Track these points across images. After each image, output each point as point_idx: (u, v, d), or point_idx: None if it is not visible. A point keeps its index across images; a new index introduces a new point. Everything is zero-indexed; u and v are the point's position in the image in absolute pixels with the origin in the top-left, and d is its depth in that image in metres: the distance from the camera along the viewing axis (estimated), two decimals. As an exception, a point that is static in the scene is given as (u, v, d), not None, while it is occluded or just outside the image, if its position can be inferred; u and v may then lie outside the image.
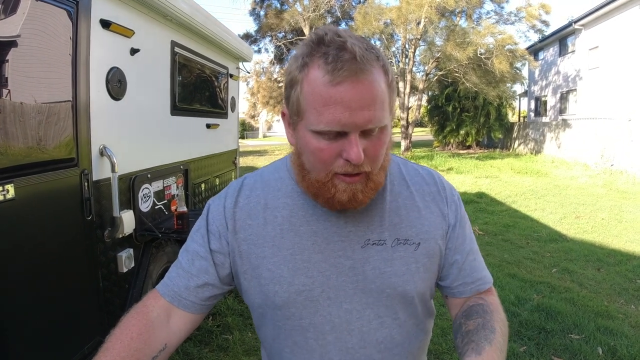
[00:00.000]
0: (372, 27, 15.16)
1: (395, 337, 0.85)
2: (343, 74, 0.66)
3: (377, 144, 0.73)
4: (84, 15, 2.03)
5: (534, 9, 15.91)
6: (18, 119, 1.66)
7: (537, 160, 14.82)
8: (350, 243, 0.83)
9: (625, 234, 5.84)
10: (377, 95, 0.69)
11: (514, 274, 4.33)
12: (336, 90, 0.67)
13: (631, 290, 3.93)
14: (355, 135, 0.69)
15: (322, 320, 0.82)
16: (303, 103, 0.71)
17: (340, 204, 0.76)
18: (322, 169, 0.74)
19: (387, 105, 0.72)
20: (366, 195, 0.76)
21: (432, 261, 0.86)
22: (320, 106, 0.69)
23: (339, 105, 0.67)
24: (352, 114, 0.67)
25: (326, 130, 0.69)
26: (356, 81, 0.67)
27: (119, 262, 2.36)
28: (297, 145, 0.79)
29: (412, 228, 0.85)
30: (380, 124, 0.71)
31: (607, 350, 2.87)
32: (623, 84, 13.36)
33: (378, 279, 0.82)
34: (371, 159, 0.73)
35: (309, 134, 0.73)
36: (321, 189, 0.76)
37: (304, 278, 0.82)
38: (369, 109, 0.68)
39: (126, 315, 0.82)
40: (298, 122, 0.75)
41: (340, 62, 0.66)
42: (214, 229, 0.88)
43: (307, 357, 0.84)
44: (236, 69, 4.79)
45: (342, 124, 0.68)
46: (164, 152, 3.01)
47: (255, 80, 22.02)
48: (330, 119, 0.68)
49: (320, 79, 0.68)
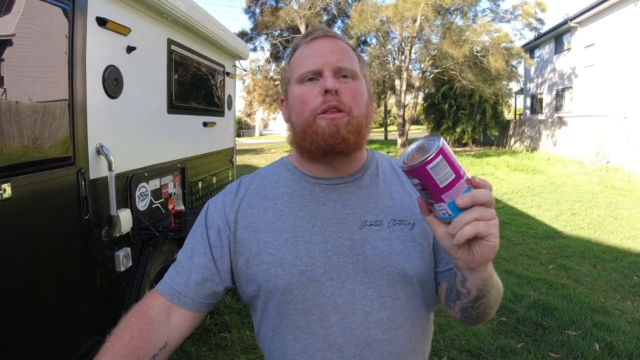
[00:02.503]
0: (368, 24, 15.14)
1: (397, 318, 0.85)
2: (316, 34, 0.87)
3: (353, 88, 0.84)
4: (80, 13, 2.02)
5: (530, 6, 15.92)
6: (14, 117, 1.65)
7: (533, 157, 14.86)
8: (348, 225, 0.86)
9: (621, 230, 5.88)
10: (345, 49, 0.87)
11: (510, 271, 4.35)
12: (310, 45, 0.87)
13: (627, 287, 3.96)
14: (329, 72, 0.82)
15: (325, 301, 0.83)
16: (289, 70, 0.89)
17: (323, 138, 0.81)
18: (306, 109, 0.83)
19: (356, 62, 0.88)
20: (349, 132, 0.81)
21: (428, 241, 0.90)
22: (301, 60, 0.86)
23: (313, 54, 0.85)
24: (324, 57, 0.84)
25: (305, 71, 0.84)
26: (326, 38, 0.87)
27: (116, 261, 2.35)
28: (288, 110, 0.90)
29: (405, 210, 0.89)
30: (350, 68, 0.85)
31: (604, 346, 2.89)
32: (618, 82, 13.41)
33: (378, 258, 0.84)
34: (348, 97, 0.82)
35: (294, 87, 0.86)
36: (306, 130, 0.83)
37: (306, 259, 0.83)
38: (337, 54, 0.84)
39: (126, 314, 0.82)
40: (288, 88, 0.89)
41: (315, 30, 0.89)
42: (212, 224, 0.89)
43: (311, 341, 0.84)
44: (233, 67, 4.78)
45: (317, 63, 0.83)
46: (161, 150, 3.00)
47: (251, 78, 21.96)
48: (308, 64, 0.84)
49: (299, 47, 0.89)
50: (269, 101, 21.42)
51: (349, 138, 0.81)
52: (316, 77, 0.83)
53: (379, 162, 0.96)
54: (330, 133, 0.80)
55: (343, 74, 0.83)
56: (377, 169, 0.94)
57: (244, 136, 40.47)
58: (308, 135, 0.82)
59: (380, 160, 0.97)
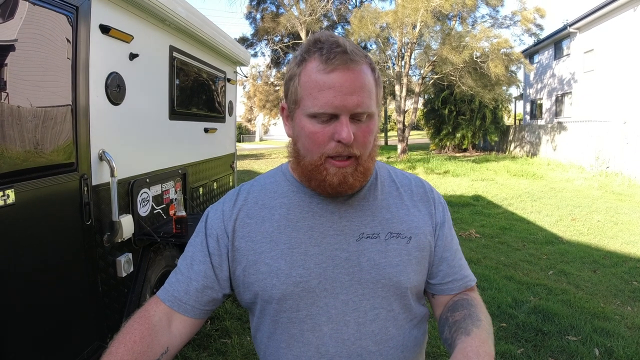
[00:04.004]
0: (368, 30, 15.21)
1: (389, 330, 0.87)
2: (336, 62, 0.76)
3: (366, 130, 0.80)
4: (83, 21, 2.04)
5: (529, 12, 16.01)
6: (17, 123, 1.67)
7: (532, 162, 14.88)
8: (345, 237, 0.86)
9: (621, 235, 5.87)
10: (365, 84, 0.78)
11: (510, 277, 4.35)
12: (329, 77, 0.76)
13: (627, 292, 3.96)
14: (345, 118, 0.77)
15: (319, 312, 0.84)
16: (300, 91, 0.80)
17: (331, 187, 0.81)
18: (315, 151, 0.80)
19: (374, 96, 0.81)
20: (356, 179, 0.82)
21: (423, 255, 0.91)
22: (316, 91, 0.77)
23: (332, 89, 0.76)
24: (343, 98, 0.75)
25: (320, 112, 0.77)
26: (347, 69, 0.76)
27: (117, 266, 2.36)
28: (293, 133, 0.86)
29: (402, 223, 0.90)
30: (368, 110, 0.79)
31: (604, 351, 2.89)
32: (618, 87, 13.44)
33: (373, 270, 0.85)
34: (360, 144, 0.80)
35: (305, 119, 0.80)
36: (314, 171, 0.82)
37: (301, 270, 0.84)
38: (358, 94, 0.76)
39: (128, 320, 0.85)
40: (295, 110, 0.82)
41: (334, 53, 0.76)
42: (212, 232, 0.90)
43: (304, 350, 0.86)
44: (234, 73, 4.81)
45: (335, 106, 0.76)
46: (163, 156, 3.02)
47: (252, 84, 22.04)
48: (324, 102, 0.76)
49: (315, 68, 0.77)
50: (270, 107, 21.48)
51: (356, 185, 0.83)
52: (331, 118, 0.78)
53: (379, 172, 0.96)
54: (338, 182, 0.81)
55: (359, 118, 0.79)
56: (375, 180, 0.94)
57: (244, 141, 40.53)
58: (314, 177, 0.82)
59: (380, 171, 0.97)
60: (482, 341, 0.75)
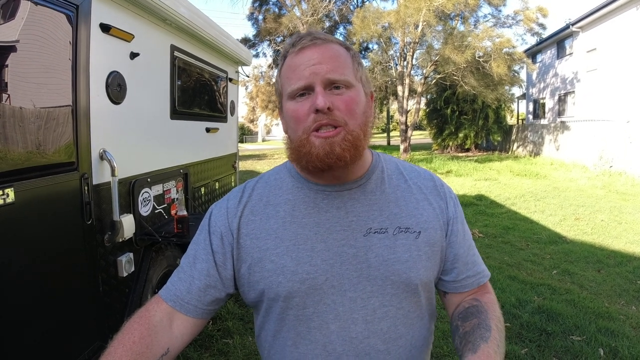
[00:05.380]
0: (370, 30, 15.20)
1: (399, 328, 0.85)
2: (303, 43, 0.80)
3: (347, 99, 0.79)
4: (83, 20, 2.04)
5: (532, 12, 15.98)
6: (18, 123, 1.66)
7: (536, 162, 14.83)
8: (352, 232, 0.84)
9: (625, 235, 5.84)
10: (336, 55, 0.81)
11: (514, 276, 4.32)
12: (298, 56, 0.80)
13: (632, 292, 3.93)
14: (319, 87, 0.78)
15: (326, 309, 0.83)
16: (281, 81, 0.84)
17: (318, 159, 0.79)
18: (299, 128, 0.80)
19: (350, 68, 0.82)
20: (345, 149, 0.78)
21: (434, 250, 0.88)
22: (290, 73, 0.81)
23: (302, 65, 0.79)
24: (312, 68, 0.78)
25: (295, 88, 0.79)
26: (314, 45, 0.80)
27: (119, 266, 2.35)
28: (285, 125, 0.87)
29: (411, 218, 0.88)
30: (343, 78, 0.79)
31: (609, 351, 2.87)
32: (621, 86, 13.39)
33: (382, 266, 0.83)
34: (343, 111, 0.78)
35: (287, 103, 0.82)
36: (300, 148, 0.80)
37: (308, 267, 0.83)
38: (327, 63, 0.79)
39: (129, 320, 0.83)
40: (282, 101, 0.85)
41: (302, 38, 0.81)
42: (215, 230, 0.89)
43: (311, 347, 0.84)
44: (235, 73, 4.80)
45: (305, 77, 0.78)
46: (164, 156, 3.01)
47: (254, 84, 22.07)
48: (297, 77, 0.79)
49: (288, 55, 0.82)
50: (272, 107, 21.52)
51: (345, 156, 0.78)
52: (307, 91, 0.79)
53: (385, 165, 0.94)
54: (325, 153, 0.77)
55: (335, 85, 0.79)
56: (382, 173, 0.92)
57: (246, 142, 40.57)
58: (303, 154, 0.80)
59: (387, 164, 0.95)
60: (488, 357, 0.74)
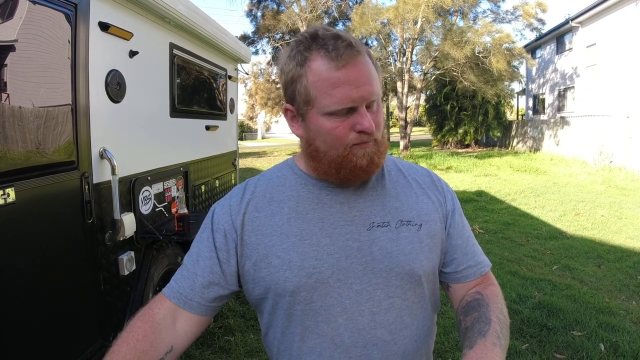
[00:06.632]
0: (369, 27, 15.17)
1: (404, 319, 0.87)
2: (345, 58, 0.77)
3: (378, 114, 0.83)
4: (82, 18, 2.03)
5: (531, 7, 15.94)
6: (17, 122, 1.66)
7: (535, 158, 14.84)
8: (356, 226, 0.86)
9: (625, 230, 5.85)
10: (372, 73, 0.81)
11: (514, 272, 4.33)
12: (341, 73, 0.77)
13: (632, 287, 3.94)
14: (363, 109, 0.79)
15: (333, 302, 0.84)
16: (312, 91, 0.79)
17: (361, 169, 0.83)
18: (340, 144, 0.81)
19: (378, 81, 0.83)
20: (380, 158, 0.84)
21: (435, 242, 0.91)
22: (331, 89, 0.78)
23: (346, 84, 0.77)
24: (358, 90, 0.77)
25: (339, 108, 0.78)
26: (356, 62, 0.78)
27: (120, 265, 2.35)
28: (308, 133, 0.85)
29: (412, 211, 0.90)
30: (379, 97, 0.82)
31: (609, 346, 2.88)
32: (621, 81, 13.38)
33: (386, 259, 0.85)
34: (377, 127, 0.82)
35: (322, 117, 0.80)
36: (343, 162, 0.82)
37: (314, 261, 0.84)
38: (369, 84, 0.79)
39: (133, 318, 0.83)
40: (308, 110, 0.82)
41: (341, 49, 0.77)
42: (219, 227, 0.89)
43: (319, 341, 0.85)
44: (235, 71, 4.79)
45: (353, 99, 0.78)
46: (164, 154, 3.01)
47: (253, 81, 22.04)
48: (342, 97, 0.77)
49: (325, 66, 0.78)
50: (271, 104, 21.48)
51: (381, 163, 0.85)
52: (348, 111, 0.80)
53: (385, 163, 0.96)
54: (367, 163, 0.82)
55: (370, 105, 0.81)
56: (382, 170, 0.94)
57: (246, 139, 40.56)
58: (344, 167, 0.83)
59: (386, 162, 0.97)
60: (483, 354, 0.75)
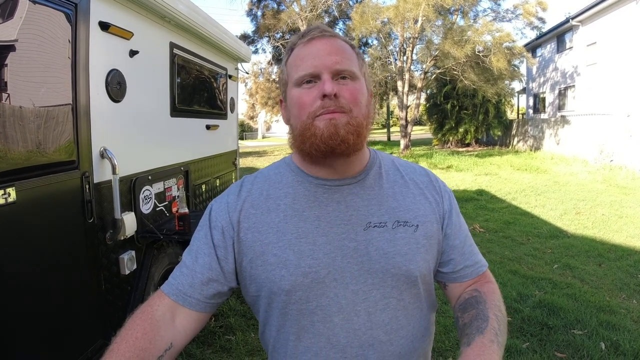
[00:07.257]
0: (369, 26, 15.16)
1: (400, 319, 0.86)
2: (312, 34, 0.85)
3: (352, 89, 0.83)
4: (82, 18, 2.03)
5: (531, 6, 15.90)
6: (18, 122, 1.66)
7: (536, 157, 14.82)
8: (352, 226, 0.86)
9: (626, 229, 5.85)
10: (343, 48, 0.85)
11: (515, 271, 4.33)
12: (308, 47, 0.85)
13: (632, 285, 3.94)
14: (327, 75, 0.81)
15: (329, 302, 0.84)
16: (288, 70, 0.88)
17: (322, 140, 0.81)
18: (304, 113, 0.83)
19: (355, 62, 0.86)
20: (348, 132, 0.81)
21: (431, 243, 0.90)
22: (299, 61, 0.85)
23: (311, 55, 0.83)
24: (321, 58, 0.82)
25: (302, 74, 0.83)
26: (323, 38, 0.85)
27: (120, 264, 2.36)
28: (287, 112, 0.90)
29: (409, 212, 0.90)
30: (349, 69, 0.84)
31: (610, 345, 2.88)
32: (621, 80, 13.35)
33: (382, 259, 0.85)
34: (349, 99, 0.82)
35: (293, 90, 0.85)
36: (306, 132, 0.83)
37: (310, 260, 0.84)
38: (335, 54, 0.83)
39: (132, 316, 0.83)
40: (286, 89, 0.88)
41: (311, 30, 0.87)
42: (216, 224, 0.89)
43: (314, 341, 0.85)
44: (235, 70, 4.79)
45: (314, 66, 0.82)
46: (164, 153, 3.01)
47: (254, 81, 22.03)
48: (305, 66, 0.83)
49: (297, 46, 0.87)
50: (272, 103, 21.48)
51: (349, 139, 0.80)
52: (314, 80, 0.82)
53: (382, 162, 0.96)
54: (329, 134, 0.79)
55: (342, 76, 0.83)
56: (380, 169, 0.94)
57: (246, 139, 40.53)
58: (307, 137, 0.82)
59: (383, 161, 0.97)
60: (481, 351, 0.75)
